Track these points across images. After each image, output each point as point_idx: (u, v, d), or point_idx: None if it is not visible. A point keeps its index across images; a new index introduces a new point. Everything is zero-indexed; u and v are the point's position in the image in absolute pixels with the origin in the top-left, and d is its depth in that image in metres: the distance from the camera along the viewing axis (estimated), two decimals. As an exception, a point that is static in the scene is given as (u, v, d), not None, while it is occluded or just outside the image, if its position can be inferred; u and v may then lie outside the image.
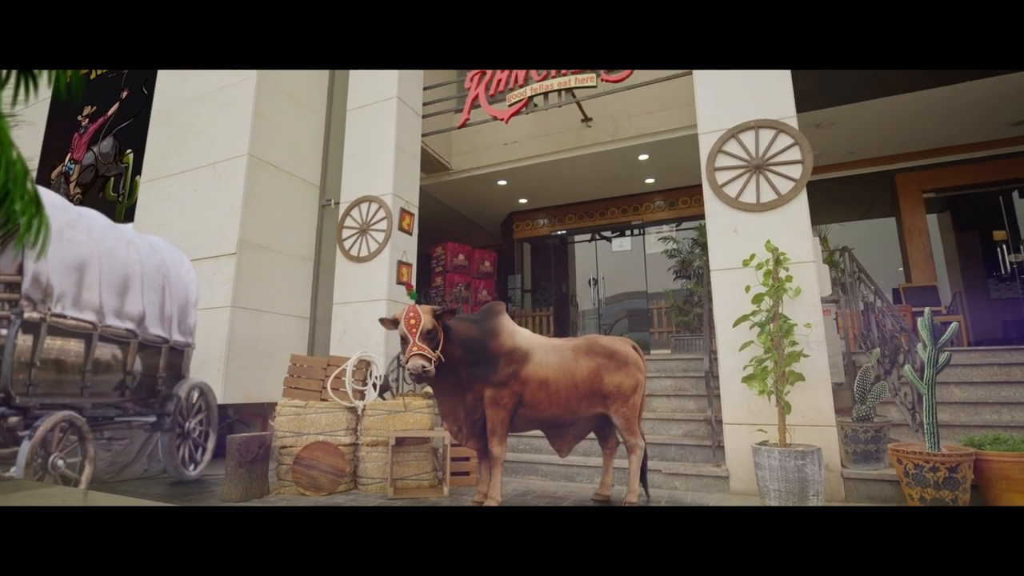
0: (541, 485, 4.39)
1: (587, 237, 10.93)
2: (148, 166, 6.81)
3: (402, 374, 5.60)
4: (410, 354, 3.07)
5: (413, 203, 6.60)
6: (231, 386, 5.55)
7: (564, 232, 10.83)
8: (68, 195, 7.68)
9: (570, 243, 11.19)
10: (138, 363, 4.22)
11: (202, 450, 4.89)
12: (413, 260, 6.41)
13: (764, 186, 4.40)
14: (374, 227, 6.16)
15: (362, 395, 4.52)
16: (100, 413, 3.95)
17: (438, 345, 3.18)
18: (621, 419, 3.49)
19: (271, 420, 4.39)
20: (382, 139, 6.42)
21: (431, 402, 4.50)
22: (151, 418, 4.41)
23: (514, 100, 6.17)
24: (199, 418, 4.86)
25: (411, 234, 6.44)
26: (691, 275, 8.20)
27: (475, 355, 3.31)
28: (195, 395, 4.82)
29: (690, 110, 6.08)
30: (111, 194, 7.33)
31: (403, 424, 4.34)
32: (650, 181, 9.33)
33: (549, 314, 10.10)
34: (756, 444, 3.68)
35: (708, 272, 4.62)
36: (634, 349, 3.69)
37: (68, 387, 3.58)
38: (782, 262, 3.94)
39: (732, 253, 4.39)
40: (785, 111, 4.48)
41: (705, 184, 4.64)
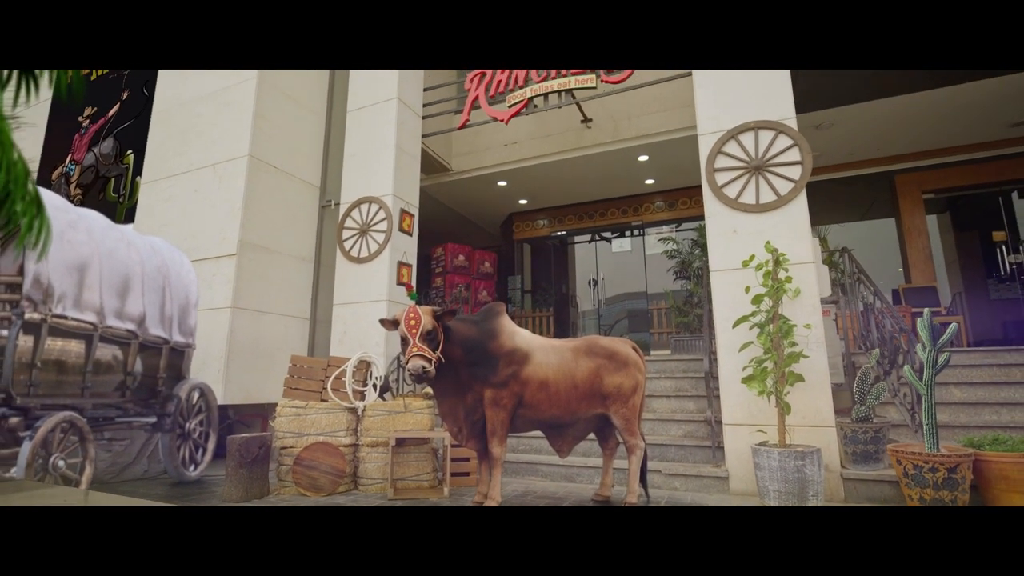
0: (541, 486, 4.40)
1: (587, 238, 10.94)
2: (149, 167, 6.81)
3: (402, 375, 5.60)
4: (410, 355, 3.08)
5: (413, 204, 6.60)
6: (231, 387, 5.55)
7: (564, 233, 10.84)
8: (69, 196, 7.69)
9: (570, 244, 11.19)
10: (139, 364, 4.23)
11: (202, 451, 4.89)
12: (413, 261, 6.42)
13: (764, 187, 4.41)
14: (374, 228, 6.17)
15: (362, 396, 4.53)
16: (101, 414, 3.96)
17: (438, 346, 3.18)
18: (621, 420, 3.50)
19: (271, 421, 4.40)
20: (382, 140, 6.43)
21: (431, 403, 4.50)
22: (151, 419, 4.42)
23: (514, 101, 6.17)
24: (199, 419, 4.87)
25: (411, 235, 6.45)
26: (691, 276, 8.21)
27: (475, 356, 3.32)
28: (195, 396, 4.82)
29: (690, 111, 6.09)
30: (112, 195, 7.34)
31: (403, 425, 4.35)
32: (650, 182, 9.34)
33: (549, 315, 10.11)
34: (756, 445, 3.68)
35: (708, 273, 4.62)
36: (634, 350, 3.69)
37: (69, 388, 3.59)
38: (782, 263, 3.95)
39: (732, 254, 4.39)
40: (785, 112, 4.48)
41: (705, 185, 4.64)
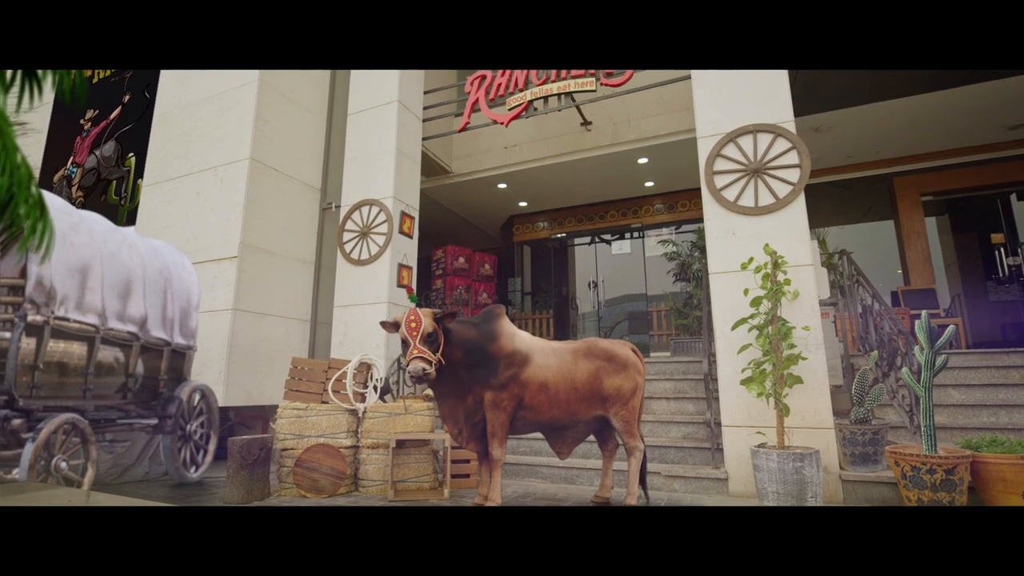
0: (541, 487, 4.41)
1: (587, 240, 10.96)
2: (150, 170, 6.84)
3: (403, 377, 5.62)
4: (411, 357, 3.09)
5: (414, 206, 6.62)
6: (232, 388, 5.57)
7: (564, 235, 10.86)
8: (70, 198, 7.71)
9: (570, 246, 11.21)
10: (140, 366, 4.24)
11: (203, 452, 4.91)
12: (413, 263, 6.43)
13: (762, 190, 4.43)
14: (375, 230, 6.19)
15: (363, 398, 4.54)
16: (102, 415, 3.98)
17: (439, 348, 3.20)
18: (620, 422, 3.51)
19: (272, 422, 4.41)
20: (383, 143, 6.45)
21: (432, 405, 4.51)
22: (153, 420, 4.43)
23: (514, 104, 6.20)
24: (200, 420, 4.88)
25: (411, 237, 6.47)
26: (690, 278, 8.23)
27: (475, 358, 3.33)
28: (196, 397, 4.84)
29: (689, 114, 6.11)
30: (113, 197, 7.37)
31: (404, 427, 4.36)
32: (649, 184, 9.37)
33: (549, 317, 10.13)
34: (755, 446, 3.70)
35: (707, 275, 4.64)
36: (633, 352, 3.71)
37: (71, 390, 3.61)
38: (780, 265, 3.97)
39: (731, 256, 4.41)
40: (783, 115, 4.50)
41: (704, 188, 4.66)
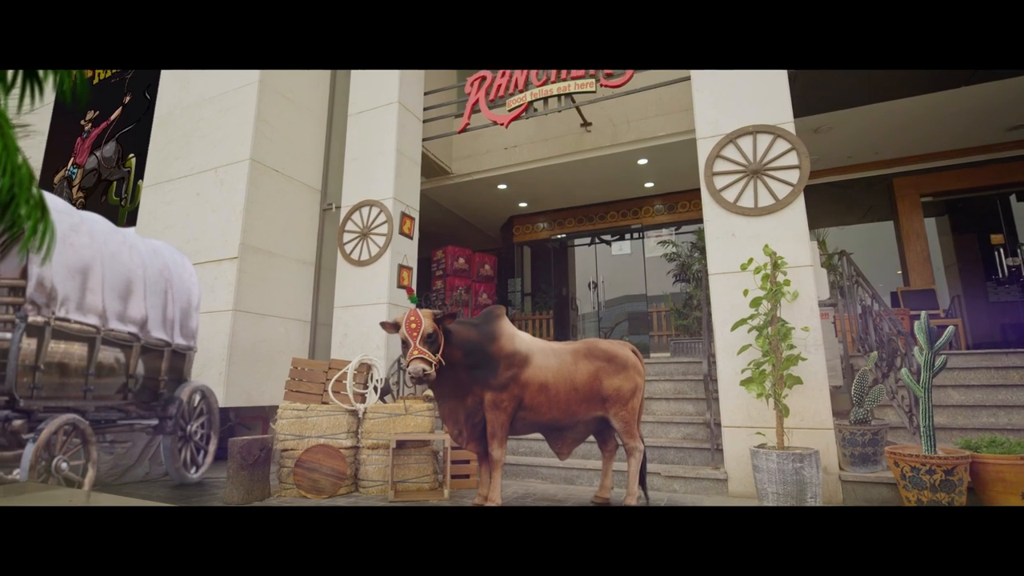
0: (541, 488, 4.41)
1: (587, 241, 10.97)
2: (150, 170, 6.84)
3: (403, 377, 5.62)
4: (411, 358, 3.09)
5: (414, 207, 6.63)
6: (233, 389, 5.57)
7: (564, 236, 10.87)
8: (71, 199, 7.72)
9: (570, 247, 11.22)
10: (140, 366, 4.25)
11: (204, 453, 4.91)
12: (414, 264, 6.44)
13: (762, 191, 4.43)
14: (375, 231, 6.19)
15: (363, 398, 4.54)
16: (103, 416, 3.99)
17: (439, 349, 3.20)
18: (620, 422, 3.52)
19: (272, 423, 4.42)
20: (383, 144, 6.46)
21: (432, 405, 4.52)
22: (153, 421, 4.44)
23: (514, 105, 6.21)
24: (201, 421, 4.88)
25: (412, 238, 6.47)
26: (690, 279, 8.24)
27: (475, 359, 3.33)
28: (197, 398, 4.84)
29: (689, 115, 6.12)
30: (114, 198, 7.37)
31: (404, 427, 4.37)
32: (649, 185, 9.38)
33: (549, 317, 10.14)
34: (754, 447, 3.70)
35: (707, 276, 4.64)
36: (633, 353, 3.71)
37: (71, 390, 3.61)
38: (780, 266, 3.97)
39: (730, 257, 4.42)
40: (783, 116, 4.51)
41: (703, 188, 4.67)
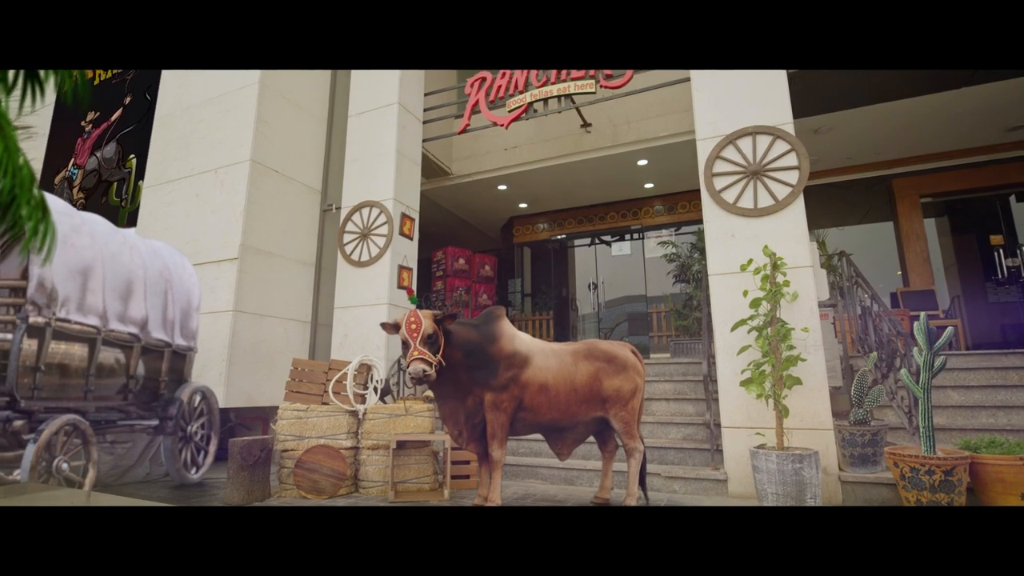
0: (541, 488, 4.42)
1: (587, 241, 10.97)
2: (151, 171, 6.85)
3: (403, 378, 5.62)
4: (411, 358, 3.10)
5: (414, 208, 6.64)
6: (233, 390, 5.57)
7: (564, 236, 10.87)
8: (71, 200, 7.73)
9: (570, 247, 11.23)
10: (141, 367, 4.25)
11: (204, 453, 4.91)
12: (414, 264, 6.44)
13: (762, 191, 4.44)
14: (375, 232, 6.20)
15: (363, 399, 4.55)
16: (103, 417, 3.99)
17: (439, 349, 3.21)
18: (620, 423, 3.52)
19: (273, 424, 4.42)
20: (383, 144, 6.47)
21: (432, 406, 4.52)
22: (153, 422, 4.44)
23: (514, 106, 6.22)
24: (201, 422, 4.89)
25: (412, 239, 6.48)
26: (690, 279, 8.24)
27: (475, 359, 3.34)
28: (197, 399, 4.85)
29: (689, 115, 6.12)
30: (114, 199, 7.38)
31: (404, 428, 4.37)
32: (649, 186, 9.38)
33: (549, 318, 10.14)
34: (754, 448, 3.71)
35: (706, 276, 4.65)
36: (633, 353, 3.71)
37: (72, 391, 3.61)
38: (779, 267, 3.98)
39: (730, 258, 4.42)
40: (782, 117, 4.52)
41: (703, 189, 4.68)
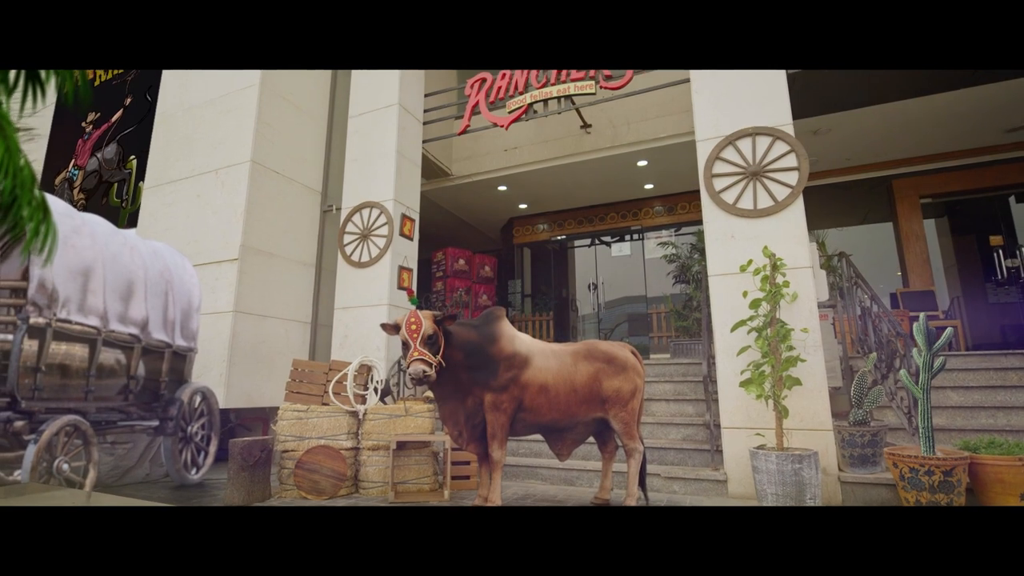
0: (541, 489, 4.42)
1: (587, 242, 10.98)
2: (151, 172, 6.86)
3: (403, 378, 5.63)
4: (411, 359, 3.10)
5: (414, 209, 6.64)
6: (233, 390, 5.58)
7: (564, 237, 10.88)
8: (72, 201, 7.74)
9: (570, 248, 11.24)
10: (141, 368, 4.26)
11: (204, 454, 4.92)
12: (414, 265, 6.45)
13: (761, 192, 4.45)
14: (375, 232, 6.21)
15: (363, 399, 4.55)
16: (104, 417, 3.99)
17: (439, 350, 3.21)
18: (620, 423, 3.53)
19: (273, 424, 4.43)
20: (383, 145, 6.47)
21: (432, 406, 4.53)
22: (154, 422, 4.45)
23: (514, 107, 6.23)
24: (201, 422, 4.89)
25: (412, 239, 6.49)
26: (690, 280, 8.24)
27: (475, 360, 3.34)
28: (197, 399, 4.85)
29: (688, 116, 6.13)
30: (115, 200, 7.39)
31: (404, 428, 4.37)
32: (649, 187, 9.39)
33: (549, 319, 10.15)
34: (754, 448, 3.71)
35: (706, 277, 4.65)
36: (633, 354, 3.72)
37: (73, 391, 3.62)
38: (779, 268, 3.98)
39: (730, 258, 4.43)
40: (782, 118, 4.53)
41: (703, 190, 4.68)
